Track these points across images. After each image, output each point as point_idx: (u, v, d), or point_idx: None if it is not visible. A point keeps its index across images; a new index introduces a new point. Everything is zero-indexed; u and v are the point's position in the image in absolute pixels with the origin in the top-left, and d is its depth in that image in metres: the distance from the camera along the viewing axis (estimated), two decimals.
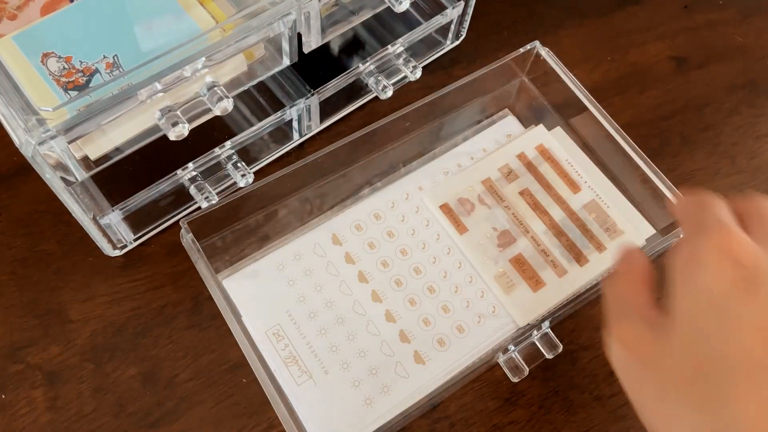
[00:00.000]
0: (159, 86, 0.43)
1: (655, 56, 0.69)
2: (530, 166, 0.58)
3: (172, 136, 0.45)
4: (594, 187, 0.58)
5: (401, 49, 0.59)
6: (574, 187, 0.58)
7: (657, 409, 0.34)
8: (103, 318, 0.53)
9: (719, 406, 0.31)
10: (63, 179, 0.44)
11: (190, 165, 0.53)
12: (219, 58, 0.45)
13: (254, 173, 0.55)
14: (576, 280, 0.54)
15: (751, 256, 0.32)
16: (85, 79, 0.46)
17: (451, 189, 0.57)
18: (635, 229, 0.56)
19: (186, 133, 0.45)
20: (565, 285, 0.54)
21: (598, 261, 0.55)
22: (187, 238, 0.50)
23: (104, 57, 0.46)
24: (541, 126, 0.60)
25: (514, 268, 0.54)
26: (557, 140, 0.60)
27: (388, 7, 0.52)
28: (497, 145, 0.60)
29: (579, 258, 0.55)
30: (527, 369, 0.48)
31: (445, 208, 0.56)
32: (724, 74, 0.68)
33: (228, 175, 0.55)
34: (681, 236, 0.40)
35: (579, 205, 0.57)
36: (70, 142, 0.42)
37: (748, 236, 0.33)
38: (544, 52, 0.58)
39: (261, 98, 0.59)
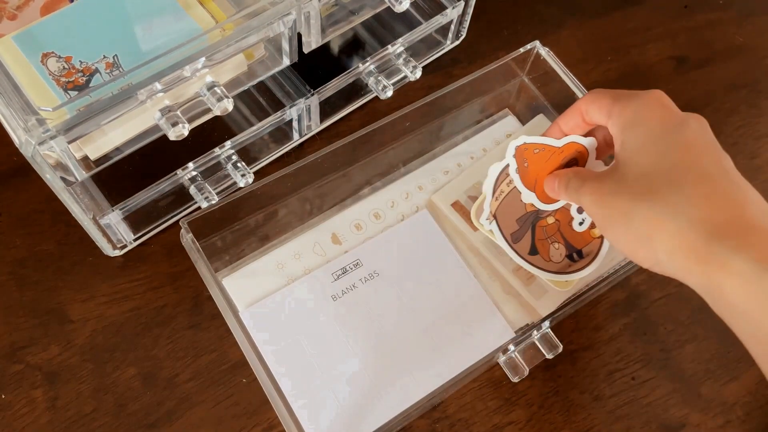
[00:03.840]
0: (159, 86, 0.43)
1: (655, 56, 0.69)
2: None
3: (172, 136, 0.45)
4: None
5: (401, 49, 0.59)
6: None
7: (632, 229, 0.39)
8: (103, 318, 0.53)
9: (675, 201, 0.38)
10: (63, 179, 0.44)
11: (190, 165, 0.53)
12: (219, 58, 0.45)
13: (254, 173, 0.55)
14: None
15: (674, 105, 0.42)
16: (85, 79, 0.46)
17: (459, 187, 0.57)
18: None
19: (186, 133, 0.45)
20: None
21: (612, 250, 0.54)
22: (187, 238, 0.50)
23: (104, 57, 0.46)
24: (541, 116, 0.60)
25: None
26: None
27: (388, 7, 0.52)
28: (497, 144, 0.60)
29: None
30: (527, 369, 0.48)
31: (457, 206, 0.56)
32: (724, 74, 0.68)
33: (228, 175, 0.55)
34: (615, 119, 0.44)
35: None
36: (70, 142, 0.42)
37: None
38: (544, 52, 0.58)
39: (261, 98, 0.59)
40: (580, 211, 0.51)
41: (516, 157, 0.51)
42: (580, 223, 0.51)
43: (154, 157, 0.50)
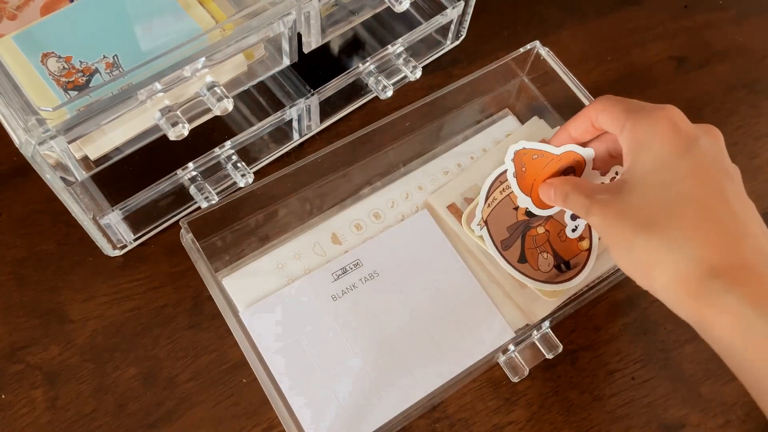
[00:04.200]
0: (159, 86, 0.43)
1: (655, 56, 0.69)
2: None
3: (172, 136, 0.45)
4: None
5: (401, 49, 0.59)
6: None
7: (632, 258, 0.40)
8: (103, 318, 0.53)
9: (674, 236, 0.39)
10: (63, 179, 0.44)
11: (190, 165, 0.53)
12: (219, 58, 0.45)
13: (254, 173, 0.55)
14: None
15: (686, 122, 0.42)
16: (85, 79, 0.46)
17: (455, 189, 0.57)
18: None
19: (186, 133, 0.45)
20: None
21: (609, 253, 0.55)
22: (187, 238, 0.50)
23: (104, 57, 0.46)
24: (535, 118, 0.60)
25: None
26: None
27: (388, 7, 0.52)
28: (497, 144, 0.60)
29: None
30: (527, 369, 0.48)
31: (453, 208, 0.56)
32: (724, 74, 0.68)
33: (228, 175, 0.55)
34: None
35: None
36: (70, 142, 0.42)
37: None
38: (544, 52, 0.58)
39: (261, 98, 0.59)
40: (573, 218, 0.52)
41: (515, 161, 0.51)
42: (573, 230, 0.52)
43: (154, 157, 0.50)
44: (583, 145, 0.48)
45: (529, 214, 0.53)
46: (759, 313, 0.36)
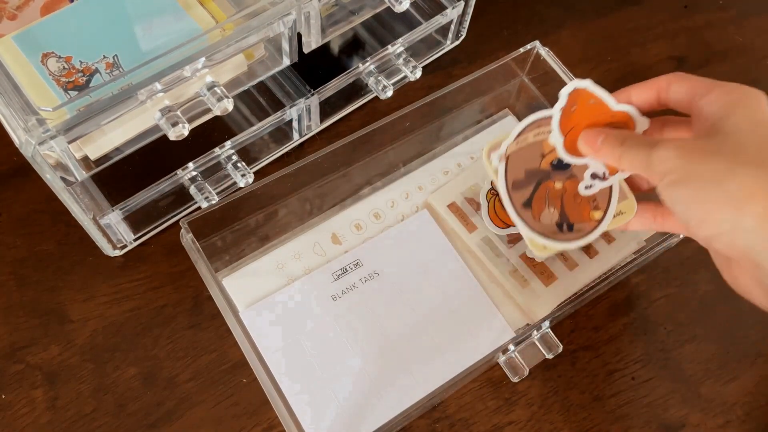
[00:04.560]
0: (159, 86, 0.43)
1: (655, 56, 0.69)
2: None
3: (172, 136, 0.45)
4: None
5: (401, 49, 0.59)
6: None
7: (715, 190, 0.37)
8: (103, 318, 0.53)
9: None
10: (63, 179, 0.44)
11: (190, 165, 0.53)
12: (219, 58, 0.45)
13: (254, 173, 0.55)
14: (588, 272, 0.54)
15: None
16: (85, 79, 0.46)
17: (456, 188, 0.57)
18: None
19: (186, 133, 0.45)
20: (577, 278, 0.54)
21: (608, 252, 0.55)
22: (187, 238, 0.50)
23: (104, 57, 0.46)
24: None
25: (525, 263, 0.54)
26: None
27: (388, 7, 0.52)
28: None
29: (588, 250, 0.55)
30: (527, 369, 0.48)
31: (453, 207, 0.56)
32: (724, 74, 0.68)
33: (228, 175, 0.55)
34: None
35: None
36: (70, 142, 0.42)
37: None
38: (544, 52, 0.58)
39: (261, 98, 0.59)
40: (593, 177, 0.49)
41: (570, 96, 0.48)
42: (587, 187, 0.49)
43: (154, 157, 0.50)
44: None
45: (555, 166, 0.49)
46: None
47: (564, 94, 0.48)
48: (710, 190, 0.38)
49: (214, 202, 0.53)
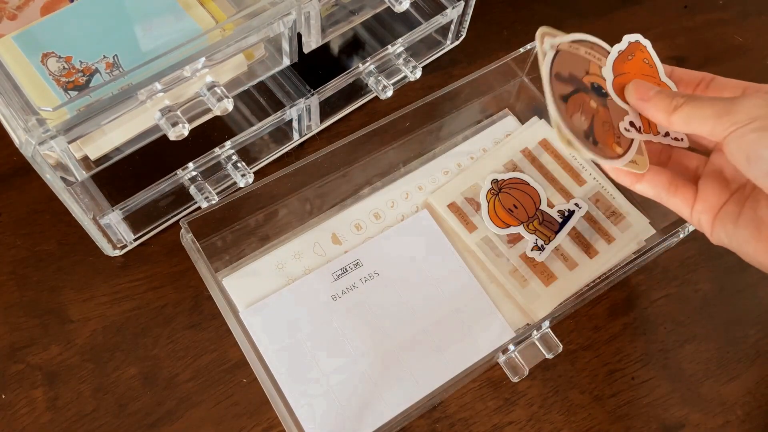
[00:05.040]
0: (159, 86, 0.43)
1: None
2: (534, 161, 0.58)
3: (172, 136, 0.45)
4: (599, 179, 0.58)
5: (401, 49, 0.59)
6: (579, 180, 0.58)
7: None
8: (103, 318, 0.53)
9: None
10: (63, 179, 0.44)
11: (190, 165, 0.53)
12: (219, 58, 0.45)
13: (254, 173, 0.55)
14: (587, 272, 0.54)
15: None
16: (85, 79, 0.46)
17: (456, 188, 0.57)
18: (637, 227, 0.56)
19: (186, 133, 0.45)
20: (576, 277, 0.54)
21: (608, 252, 0.55)
22: (187, 238, 0.50)
23: (104, 57, 0.46)
24: (535, 118, 0.60)
25: (525, 263, 0.54)
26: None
27: (388, 7, 0.52)
28: (497, 144, 0.60)
29: (588, 250, 0.55)
30: (527, 369, 0.48)
31: (453, 207, 0.56)
32: (724, 74, 0.68)
33: (228, 175, 0.55)
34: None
35: (585, 198, 0.57)
36: (70, 142, 0.42)
37: None
38: None
39: (261, 98, 0.59)
40: (632, 125, 0.48)
41: (630, 46, 0.48)
42: (627, 129, 0.47)
43: (154, 157, 0.50)
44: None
45: (596, 88, 0.48)
46: None
47: (626, 40, 0.48)
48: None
49: (214, 202, 0.53)
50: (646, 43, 0.48)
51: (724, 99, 0.40)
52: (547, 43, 0.48)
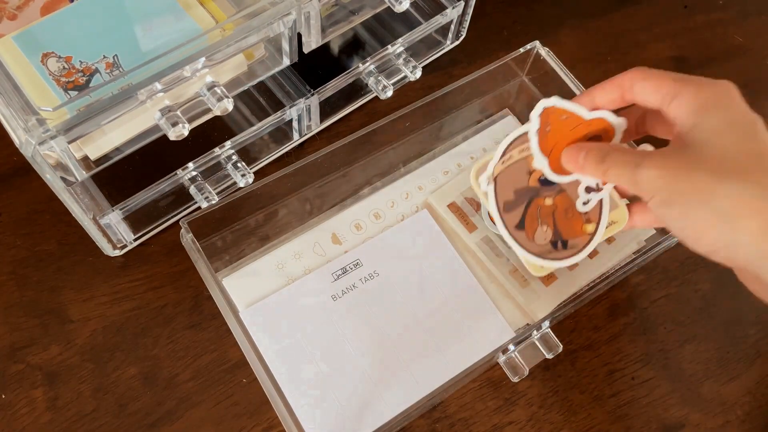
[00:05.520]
0: (159, 86, 0.43)
1: (655, 56, 0.69)
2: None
3: (172, 136, 0.45)
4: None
5: (401, 49, 0.59)
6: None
7: (712, 208, 0.37)
8: (103, 318, 0.53)
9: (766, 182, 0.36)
10: (63, 179, 0.44)
11: (190, 165, 0.53)
12: (219, 58, 0.45)
13: (254, 173, 0.55)
14: (588, 272, 0.54)
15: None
16: (85, 79, 0.46)
17: (456, 188, 0.57)
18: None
19: (186, 133, 0.45)
20: (577, 278, 0.54)
21: (608, 252, 0.55)
22: (187, 238, 0.50)
23: (104, 57, 0.46)
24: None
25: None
26: None
27: (388, 7, 0.52)
28: (497, 144, 0.60)
29: None
30: (527, 369, 0.48)
31: (453, 207, 0.56)
32: (724, 74, 0.68)
33: (228, 175, 0.55)
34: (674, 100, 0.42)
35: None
36: (70, 142, 0.42)
37: None
38: (544, 52, 0.58)
39: (261, 98, 0.59)
40: (588, 191, 0.48)
41: (541, 117, 0.47)
42: (585, 203, 0.48)
43: (154, 157, 0.50)
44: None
45: (543, 181, 0.49)
46: None
47: (534, 116, 0.47)
48: (699, 209, 0.37)
49: (214, 202, 0.53)
50: (552, 101, 0.46)
51: (629, 165, 0.40)
52: (482, 182, 0.49)
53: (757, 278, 0.38)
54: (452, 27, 0.63)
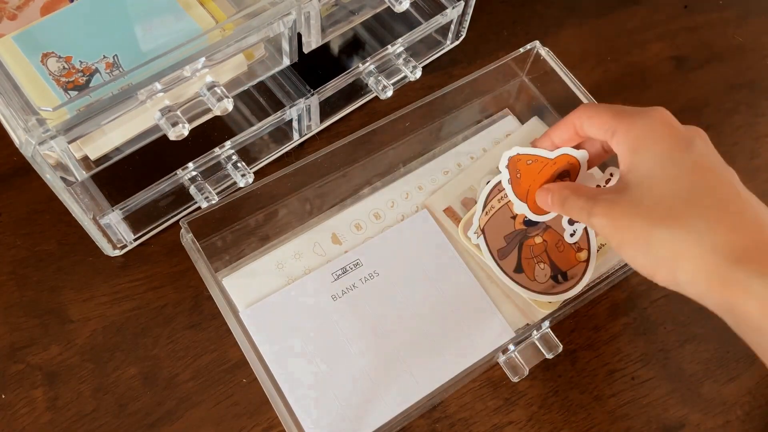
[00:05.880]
0: (159, 86, 0.43)
1: (655, 56, 0.69)
2: None
3: (172, 136, 0.45)
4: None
5: (401, 49, 0.59)
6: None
7: (652, 254, 0.39)
8: (103, 318, 0.53)
9: (697, 226, 0.38)
10: (63, 179, 0.44)
11: (190, 165, 0.53)
12: (219, 58, 0.45)
13: (254, 173, 0.55)
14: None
15: (678, 123, 0.42)
16: (85, 79, 0.46)
17: (453, 190, 0.57)
18: None
19: (186, 133, 0.45)
20: None
21: (609, 252, 0.55)
22: (187, 238, 0.50)
23: (104, 57, 0.46)
24: (536, 118, 0.60)
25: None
26: None
27: (388, 7, 0.52)
28: (497, 144, 0.60)
29: None
30: (527, 369, 0.49)
31: (449, 212, 0.56)
32: (724, 74, 0.68)
33: (228, 175, 0.55)
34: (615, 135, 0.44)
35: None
36: (70, 142, 0.42)
37: None
38: (544, 52, 0.58)
39: (261, 98, 0.59)
40: (571, 222, 0.52)
41: (509, 167, 0.51)
42: (572, 234, 0.52)
43: (154, 157, 0.50)
44: (576, 147, 0.49)
45: (527, 222, 0.53)
46: None
47: (502, 167, 0.51)
48: (643, 255, 0.40)
49: (214, 202, 0.53)
50: (514, 151, 0.50)
51: (584, 212, 0.43)
52: (472, 236, 0.52)
53: None
54: (452, 27, 0.63)
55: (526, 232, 0.53)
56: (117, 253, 0.55)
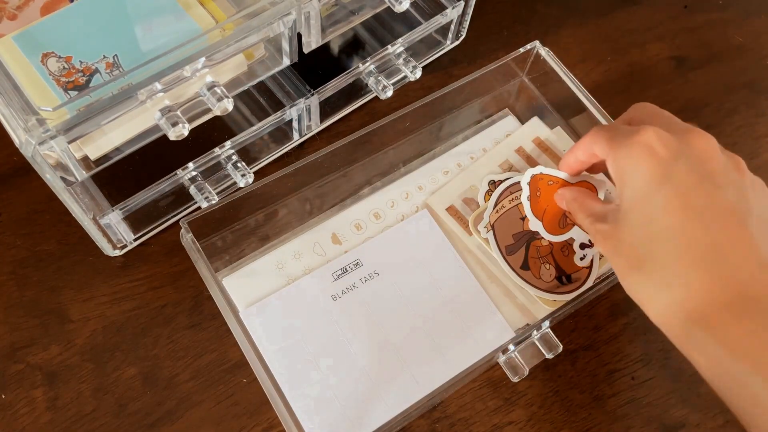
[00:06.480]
0: (159, 86, 0.43)
1: (655, 56, 0.69)
2: (530, 160, 0.58)
3: (172, 136, 0.45)
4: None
5: (401, 49, 0.59)
6: None
7: (629, 290, 0.42)
8: (103, 318, 0.53)
9: (658, 278, 0.40)
10: (63, 179, 0.44)
11: (190, 165, 0.53)
12: (219, 58, 0.45)
13: (254, 173, 0.55)
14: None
15: (665, 142, 0.41)
16: (85, 79, 0.46)
17: (455, 190, 0.57)
18: None
19: (186, 133, 0.45)
20: None
21: None
22: (187, 238, 0.50)
23: (104, 57, 0.46)
24: (536, 119, 0.60)
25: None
26: (558, 140, 0.60)
27: (388, 7, 0.52)
28: (497, 144, 0.60)
29: None
30: (527, 369, 0.49)
31: (452, 210, 0.56)
32: (724, 74, 0.68)
33: (228, 175, 0.55)
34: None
35: None
36: (70, 142, 0.42)
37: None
38: (544, 52, 0.58)
39: (261, 98, 0.59)
40: (582, 247, 0.53)
41: (530, 184, 0.53)
42: (582, 258, 0.53)
43: (154, 157, 0.50)
44: (594, 168, 0.50)
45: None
46: (734, 358, 0.38)
47: (524, 183, 0.53)
48: (625, 286, 0.43)
49: (214, 202, 0.53)
50: (538, 170, 0.52)
51: (590, 231, 0.46)
52: (481, 231, 0.55)
53: None
54: (452, 27, 0.63)
55: (534, 234, 0.53)
56: (117, 253, 0.55)
